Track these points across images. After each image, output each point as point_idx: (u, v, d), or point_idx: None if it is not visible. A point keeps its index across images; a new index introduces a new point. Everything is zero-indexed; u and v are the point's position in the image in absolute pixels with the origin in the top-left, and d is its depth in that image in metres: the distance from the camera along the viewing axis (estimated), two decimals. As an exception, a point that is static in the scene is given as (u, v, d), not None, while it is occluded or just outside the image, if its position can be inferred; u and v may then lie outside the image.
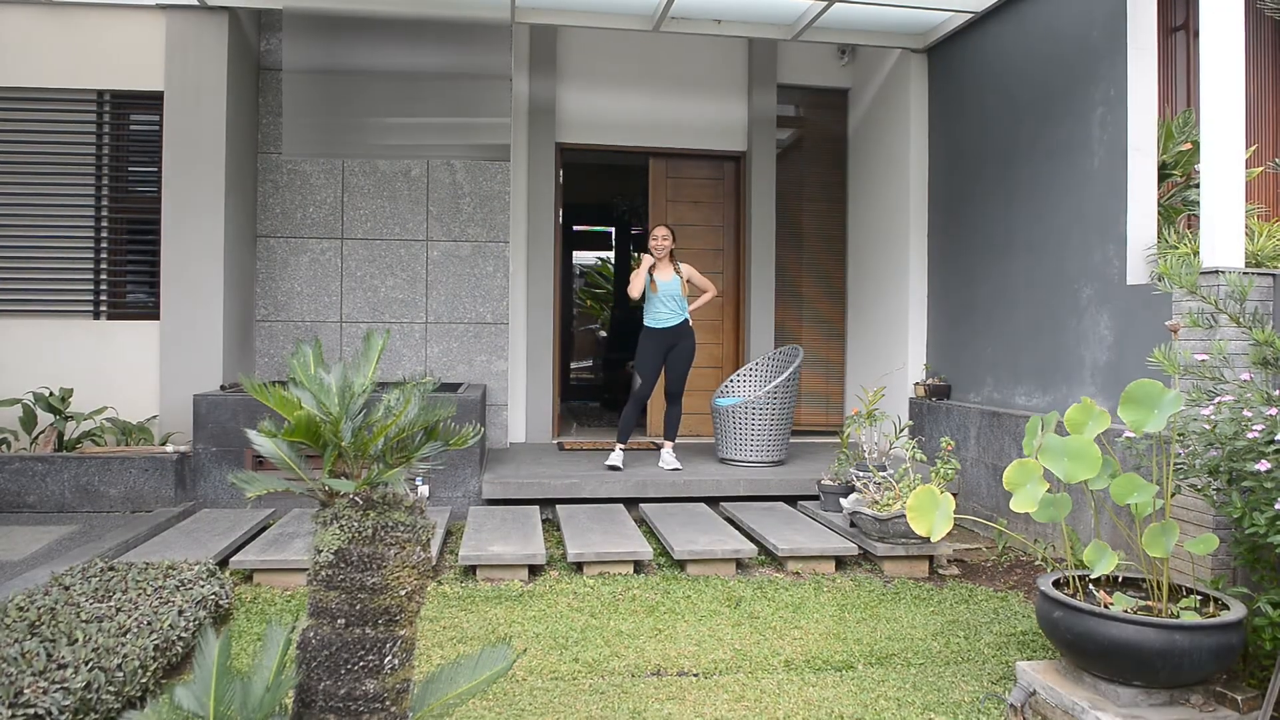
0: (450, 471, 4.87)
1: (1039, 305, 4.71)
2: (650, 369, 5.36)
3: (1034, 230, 4.77)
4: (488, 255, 6.06)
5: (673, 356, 5.42)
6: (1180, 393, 2.65)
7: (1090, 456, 2.67)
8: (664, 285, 5.39)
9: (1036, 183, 4.75)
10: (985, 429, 4.95)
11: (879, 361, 6.40)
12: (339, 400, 2.03)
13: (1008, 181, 5.03)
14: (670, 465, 5.30)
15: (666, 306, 5.38)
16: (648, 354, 5.38)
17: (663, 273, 5.42)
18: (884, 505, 4.02)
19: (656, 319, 5.40)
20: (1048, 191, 4.65)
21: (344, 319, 5.92)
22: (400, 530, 1.98)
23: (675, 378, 5.44)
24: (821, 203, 7.19)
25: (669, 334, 5.40)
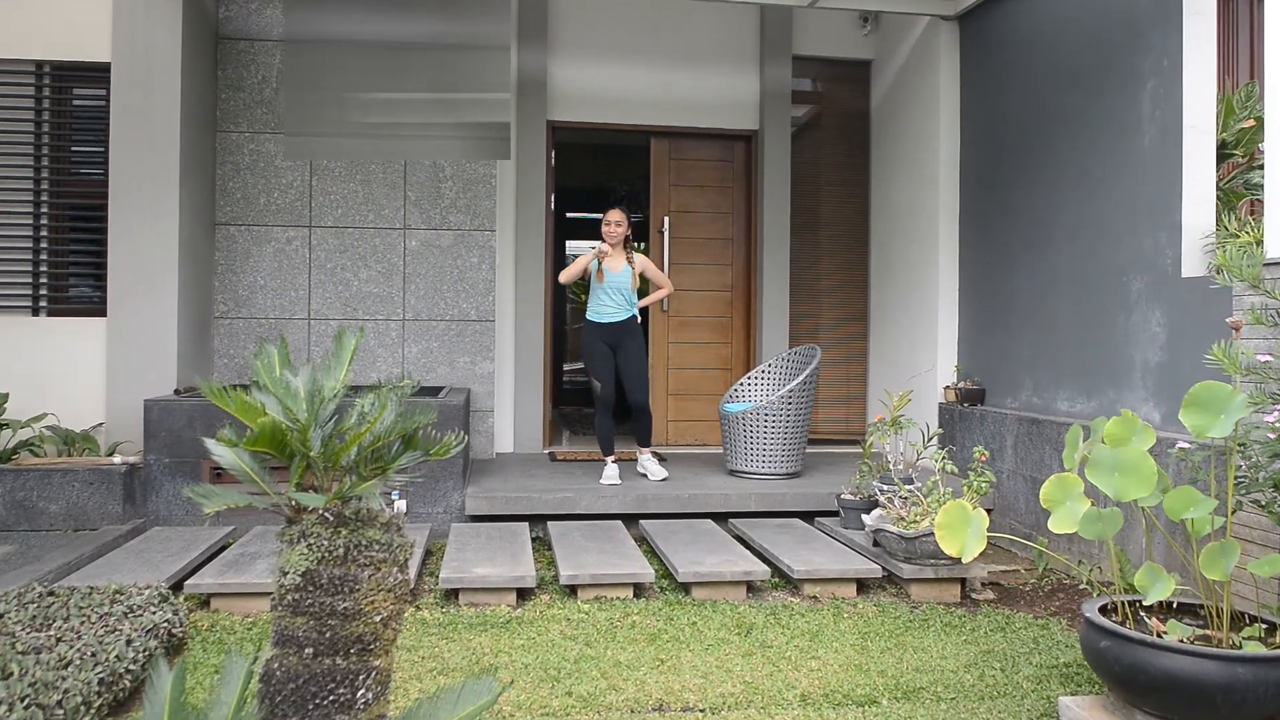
0: (430, 484, 4.87)
1: (1083, 300, 4.71)
2: (603, 366, 5.34)
3: (1078, 216, 4.76)
4: (472, 245, 6.06)
5: (622, 360, 5.36)
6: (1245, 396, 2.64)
7: (1144, 471, 2.66)
8: (612, 277, 5.32)
9: (1081, 164, 4.75)
10: (1023, 437, 4.95)
11: (905, 363, 6.40)
12: (307, 406, 2.02)
13: (1048, 163, 5.02)
14: (656, 475, 5.32)
15: (612, 300, 5.33)
16: (594, 350, 5.36)
17: (613, 261, 5.36)
18: (910, 522, 4.02)
19: (599, 313, 5.37)
20: (1093, 173, 4.65)
21: (312, 315, 5.92)
22: (375, 549, 1.97)
23: (634, 385, 5.35)
24: (841, 187, 7.19)
25: (611, 331, 5.35)
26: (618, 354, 5.40)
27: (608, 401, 5.39)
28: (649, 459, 5.46)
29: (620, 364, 5.39)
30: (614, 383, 5.42)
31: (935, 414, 5.90)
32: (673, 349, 7.04)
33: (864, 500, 4.63)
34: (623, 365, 5.38)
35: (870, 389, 7.13)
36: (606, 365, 5.36)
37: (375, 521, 2.04)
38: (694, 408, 7.10)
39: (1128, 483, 2.67)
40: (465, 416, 5.27)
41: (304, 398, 2.04)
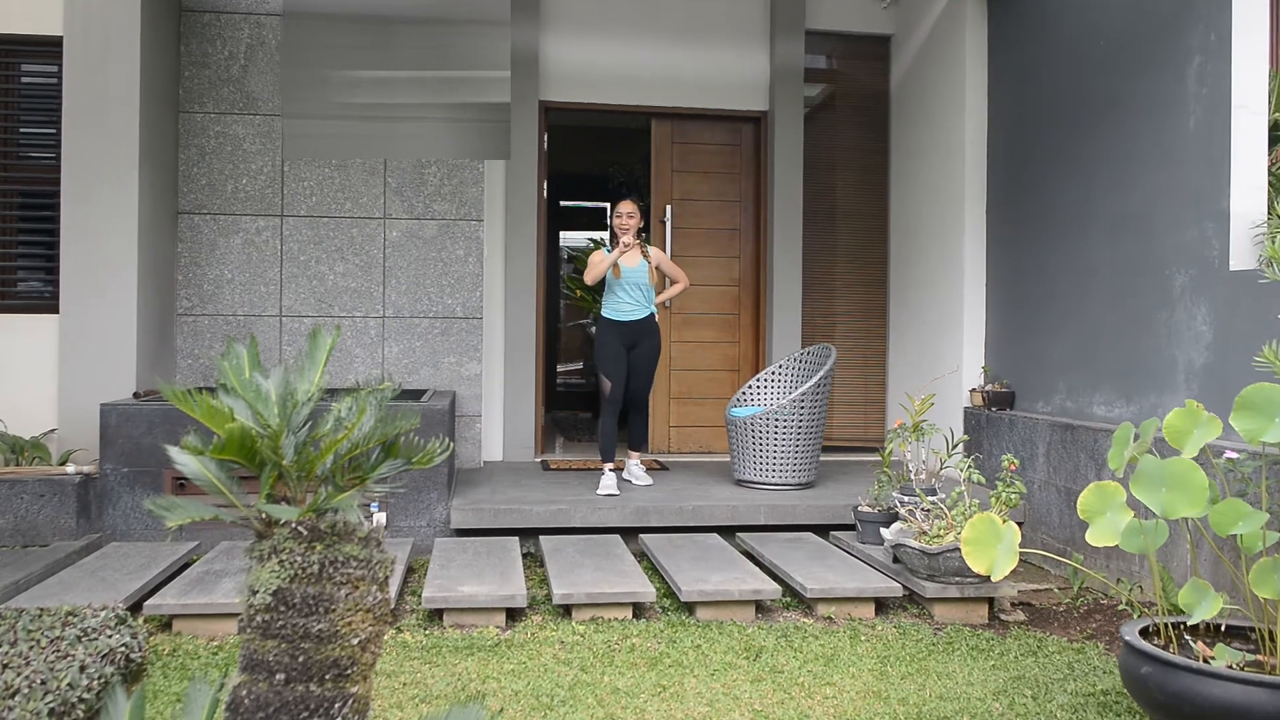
0: (413, 496, 4.86)
1: (1121, 295, 4.71)
2: (616, 367, 5.45)
3: (1116, 205, 4.76)
4: (458, 236, 6.06)
5: (636, 357, 5.50)
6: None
7: (1195, 485, 2.65)
8: (629, 272, 5.43)
9: (1119, 148, 4.74)
10: (1056, 445, 4.95)
11: (928, 363, 6.40)
12: (279, 410, 2.02)
13: (1084, 146, 5.02)
14: (640, 481, 5.47)
15: (630, 296, 5.45)
16: (608, 350, 5.48)
17: (628, 256, 5.46)
18: (934, 537, 4.02)
19: (618, 310, 5.48)
20: (1133, 158, 4.65)
21: (284, 312, 5.91)
22: (352, 566, 1.97)
23: (640, 384, 5.54)
24: (858, 173, 7.19)
25: (631, 329, 5.47)
26: (633, 352, 5.51)
27: (616, 403, 5.47)
28: (636, 464, 5.61)
29: (634, 363, 5.50)
30: (625, 384, 5.51)
31: (960, 419, 5.89)
32: (676, 349, 7.04)
33: (883, 513, 4.63)
34: (636, 364, 5.50)
35: (890, 392, 7.13)
36: (620, 365, 5.47)
37: (353, 536, 2.03)
38: (699, 412, 7.10)
39: (1177, 498, 2.66)
40: (450, 422, 5.26)
41: (275, 402, 2.03)
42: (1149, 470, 2.72)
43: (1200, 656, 2.64)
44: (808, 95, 7.13)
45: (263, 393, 2.04)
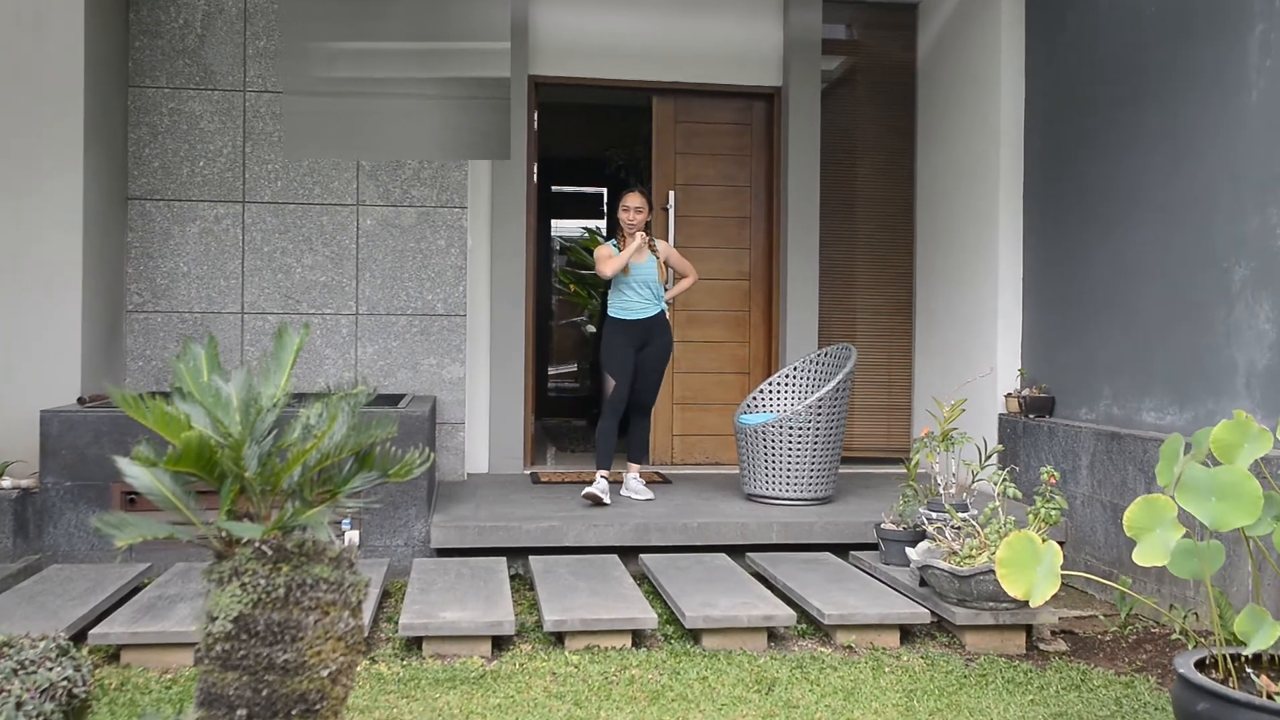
0: (389, 512, 4.86)
1: (1174, 289, 4.70)
2: (623, 367, 5.54)
3: (1167, 189, 4.76)
4: (438, 224, 6.05)
5: (645, 357, 5.58)
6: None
7: (1248, 494, 2.65)
8: (638, 269, 5.54)
9: (1171, 126, 4.74)
10: (1101, 455, 4.94)
11: (958, 365, 6.39)
12: (241, 417, 2.01)
13: (1132, 125, 5.02)
14: (641, 496, 5.49)
15: (639, 294, 5.55)
16: (617, 350, 5.56)
17: (637, 252, 5.53)
18: (965, 557, 4.01)
19: (627, 309, 5.57)
20: (1186, 137, 4.64)
21: (246, 309, 5.90)
22: (322, 589, 1.97)
23: (648, 385, 5.63)
24: (882, 155, 7.19)
25: (641, 328, 5.56)
26: (641, 352, 5.58)
27: (618, 405, 5.54)
28: (635, 478, 5.63)
29: (641, 364, 5.58)
30: (629, 385, 5.57)
31: (994, 427, 5.89)
32: (679, 350, 7.03)
33: (908, 531, 4.62)
34: (645, 364, 5.59)
35: (916, 397, 7.12)
36: (627, 366, 5.56)
37: (323, 556, 2.03)
38: (705, 419, 7.09)
39: (1228, 508, 2.66)
40: (431, 430, 5.25)
41: (237, 408, 2.03)
42: (1196, 479, 2.72)
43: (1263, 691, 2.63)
44: (825, 69, 7.12)
45: (223, 398, 2.04)
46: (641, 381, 5.58)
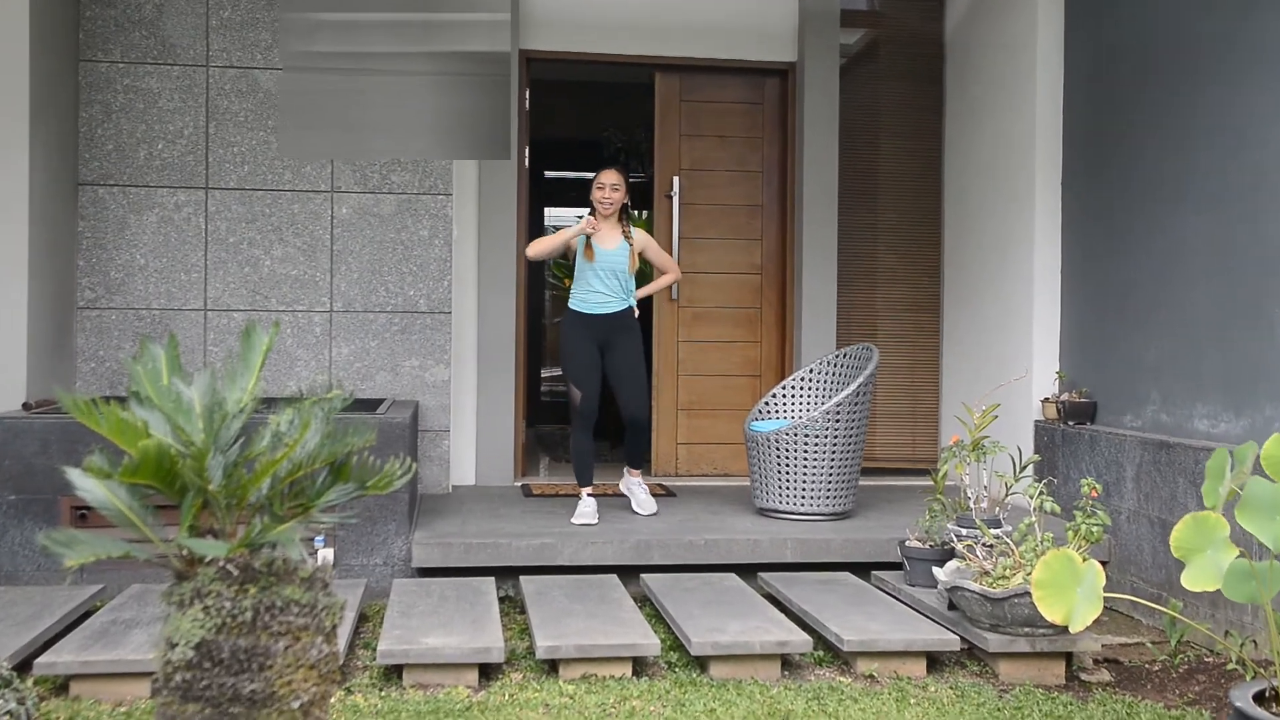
0: (366, 528, 4.85)
1: (1230, 284, 4.69)
2: (583, 372, 5.43)
3: (1224, 174, 4.75)
4: (421, 213, 6.05)
5: (614, 361, 5.45)
6: None
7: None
8: (605, 255, 5.39)
9: (1229, 104, 4.73)
10: (1148, 467, 4.94)
11: (990, 368, 6.39)
12: (204, 424, 2.01)
13: (1184, 103, 5.01)
14: (646, 508, 5.46)
15: (604, 285, 5.41)
16: (574, 350, 5.45)
17: (606, 236, 5.42)
18: (998, 578, 4.01)
19: (586, 300, 5.45)
20: (1247, 119, 4.63)
21: (210, 305, 5.90)
22: (293, 613, 1.96)
23: (631, 394, 5.47)
24: (906, 138, 7.18)
25: (601, 325, 5.43)
26: (607, 355, 5.46)
27: (587, 416, 5.46)
28: (637, 483, 5.56)
29: (611, 368, 5.45)
30: (598, 393, 5.48)
31: (1030, 435, 5.88)
32: (684, 350, 7.03)
33: (936, 549, 4.62)
34: (614, 370, 5.45)
35: (944, 402, 7.11)
36: (590, 369, 5.43)
37: (293, 576, 2.03)
38: (712, 427, 7.09)
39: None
40: (412, 438, 5.24)
41: (200, 414, 2.03)
42: (1258, 495, 2.71)
43: (1326, 725, 2.62)
44: (844, 43, 7.12)
45: (184, 403, 2.03)
46: (621, 392, 5.45)
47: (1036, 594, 2.92)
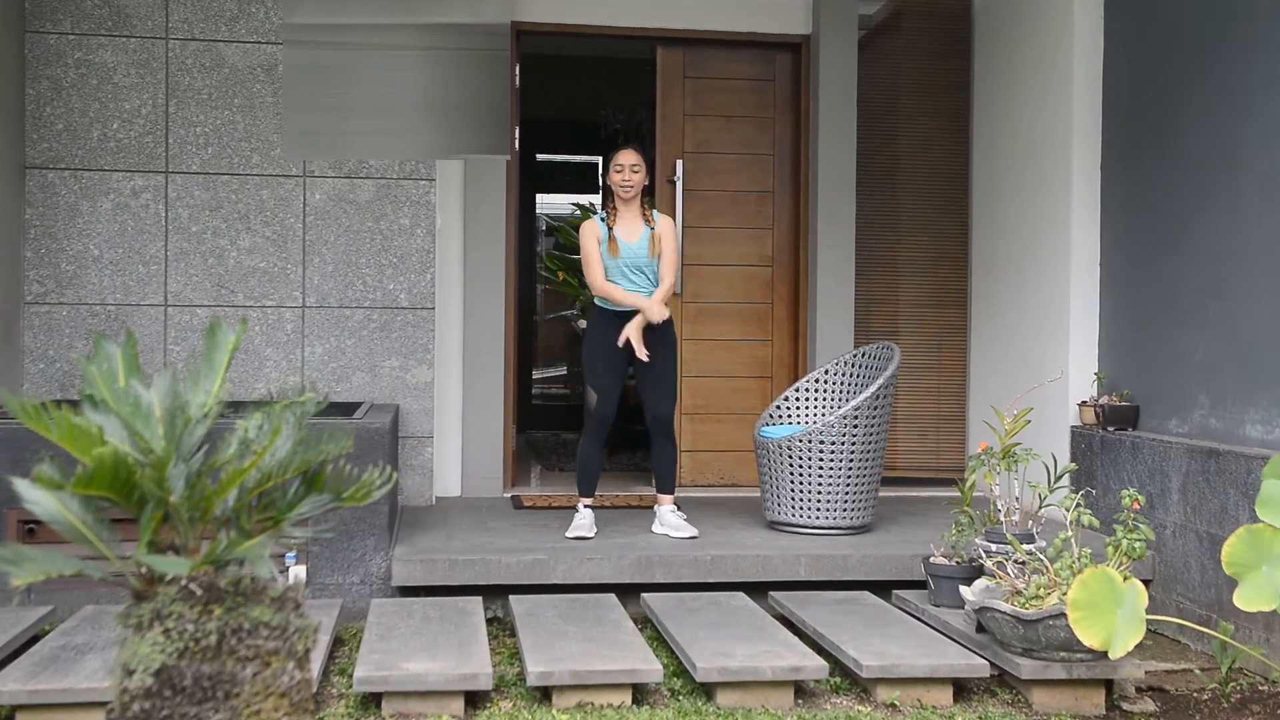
0: (343, 543, 4.86)
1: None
2: (607, 375, 5.42)
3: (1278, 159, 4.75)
4: (402, 200, 6.05)
5: (642, 361, 5.40)
6: None
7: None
8: (630, 248, 5.38)
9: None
10: (1196, 476, 4.93)
11: (1022, 368, 6.39)
12: (165, 430, 2.01)
13: (1235, 83, 5.01)
14: (678, 532, 5.36)
15: (632, 281, 5.41)
16: (599, 352, 5.43)
17: (628, 227, 5.41)
18: (1031, 598, 4.01)
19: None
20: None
21: (171, 300, 5.90)
22: (262, 636, 1.96)
23: (659, 397, 5.45)
24: (931, 117, 7.18)
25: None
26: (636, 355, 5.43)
27: (604, 422, 5.43)
28: (671, 512, 5.45)
29: (643, 368, 5.41)
30: (617, 399, 5.47)
31: (1066, 442, 5.88)
32: (689, 349, 7.02)
33: (963, 566, 4.62)
34: (645, 369, 5.41)
35: (972, 406, 7.11)
36: (614, 375, 5.43)
37: (263, 596, 2.03)
38: (719, 433, 7.09)
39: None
40: (393, 445, 5.24)
41: (160, 419, 2.03)
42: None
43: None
44: (863, 14, 7.12)
45: (143, 407, 2.03)
46: (649, 392, 5.44)
47: (1073, 615, 2.93)
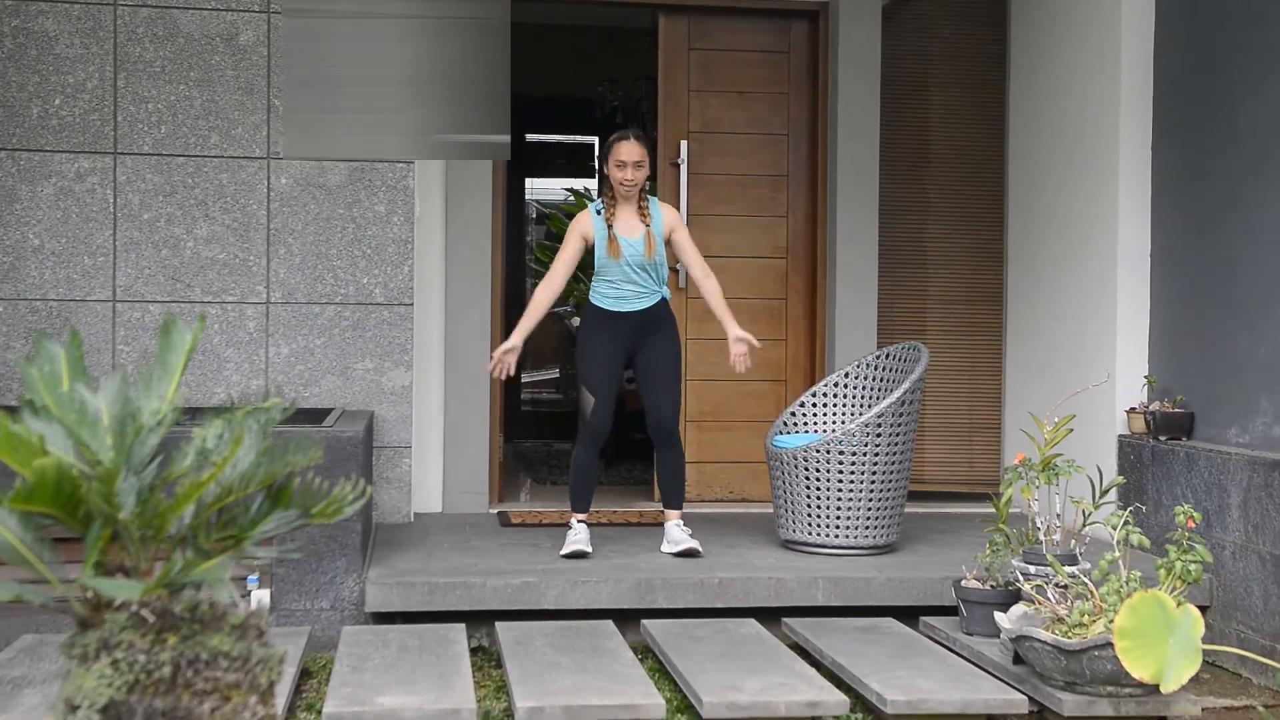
0: (311, 564, 4.85)
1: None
2: (601, 380, 5.42)
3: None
4: (376, 185, 6.05)
5: (645, 362, 5.46)
6: None
7: None
8: (629, 244, 5.39)
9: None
10: (1259, 491, 4.93)
11: (1063, 371, 6.38)
12: (114, 439, 2.00)
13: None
14: (681, 546, 5.37)
15: (634, 283, 5.41)
16: (594, 353, 5.45)
17: (627, 223, 5.41)
18: (1074, 626, 4.01)
19: (613, 296, 5.43)
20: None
21: (120, 295, 5.89)
22: (221, 668, 1.96)
23: (662, 402, 5.46)
24: (963, 92, 7.18)
25: (630, 323, 5.42)
26: (639, 356, 5.46)
27: (598, 430, 5.43)
28: (677, 526, 5.47)
29: (642, 369, 5.45)
30: (614, 406, 5.48)
31: (1112, 452, 5.88)
32: (694, 350, 7.02)
33: (998, 590, 4.63)
34: (646, 371, 5.45)
35: (1007, 412, 7.11)
36: (610, 378, 5.44)
37: (222, 623, 2.02)
38: (727, 442, 7.09)
39: None
40: (367, 456, 5.24)
41: (109, 427, 2.02)
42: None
43: None
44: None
45: (89, 414, 2.03)
46: (651, 396, 5.45)
47: (1121, 645, 2.92)
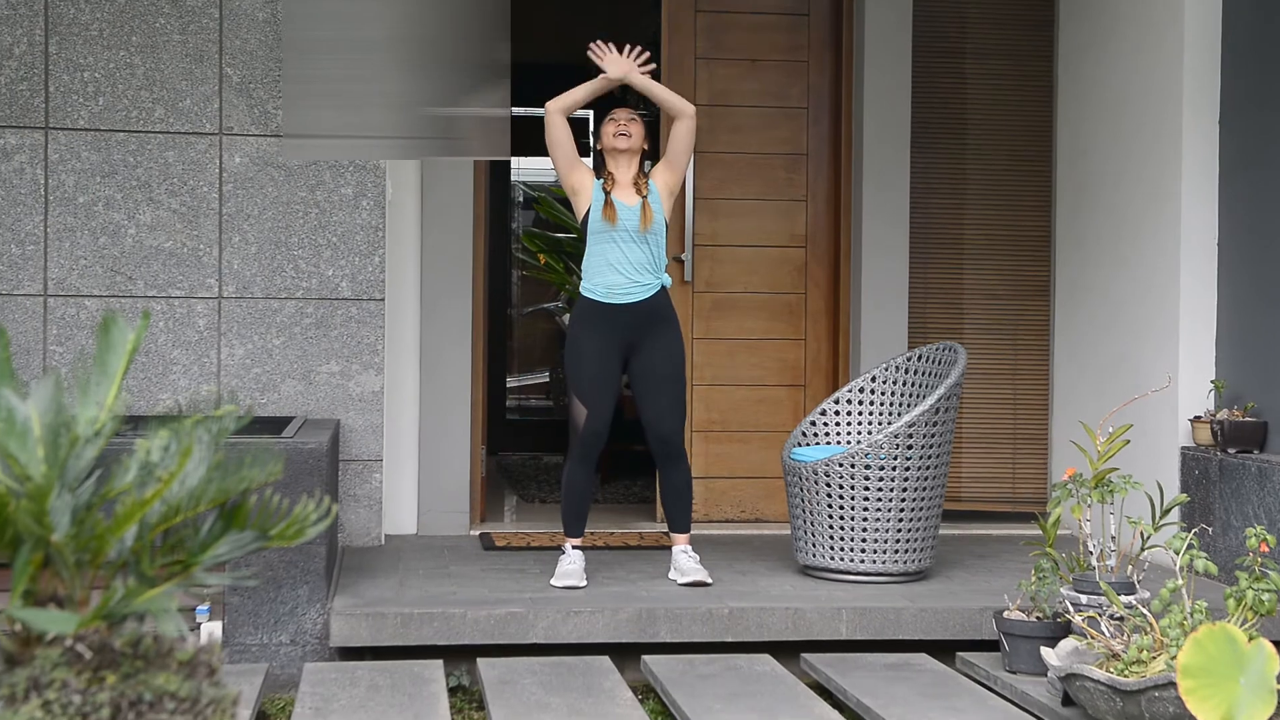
0: (269, 593, 4.86)
1: None
2: (594, 385, 5.42)
3: None
4: (343, 165, 6.05)
5: (643, 366, 5.45)
6: None
7: None
8: (625, 209, 5.38)
9: None
10: (1334, 511, 4.93)
11: (1118, 375, 6.38)
12: (46, 452, 2.00)
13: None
14: (691, 576, 5.37)
15: (629, 258, 5.38)
16: (585, 354, 5.45)
17: (624, 191, 5.42)
18: (1131, 663, 4.01)
19: (608, 285, 5.40)
20: None
21: (51, 289, 5.89)
22: (167, 710, 1.95)
23: (663, 412, 5.46)
24: (1005, 64, 7.18)
25: (626, 318, 5.40)
26: (635, 357, 5.44)
27: (591, 443, 5.43)
28: (684, 552, 5.49)
29: (639, 373, 5.44)
30: (610, 414, 5.47)
31: (1175, 467, 5.89)
32: (700, 350, 7.02)
33: (1045, 623, 4.63)
34: (644, 375, 5.44)
35: (1055, 422, 7.11)
36: (604, 383, 5.43)
37: (169, 660, 2.02)
38: (739, 456, 7.09)
39: None
40: (332, 470, 5.24)
41: (40, 437, 2.02)
42: None
43: None
44: (920, -66, 7.14)
45: (18, 423, 2.03)
46: (650, 406, 5.44)
47: (1184, 685, 2.92)
